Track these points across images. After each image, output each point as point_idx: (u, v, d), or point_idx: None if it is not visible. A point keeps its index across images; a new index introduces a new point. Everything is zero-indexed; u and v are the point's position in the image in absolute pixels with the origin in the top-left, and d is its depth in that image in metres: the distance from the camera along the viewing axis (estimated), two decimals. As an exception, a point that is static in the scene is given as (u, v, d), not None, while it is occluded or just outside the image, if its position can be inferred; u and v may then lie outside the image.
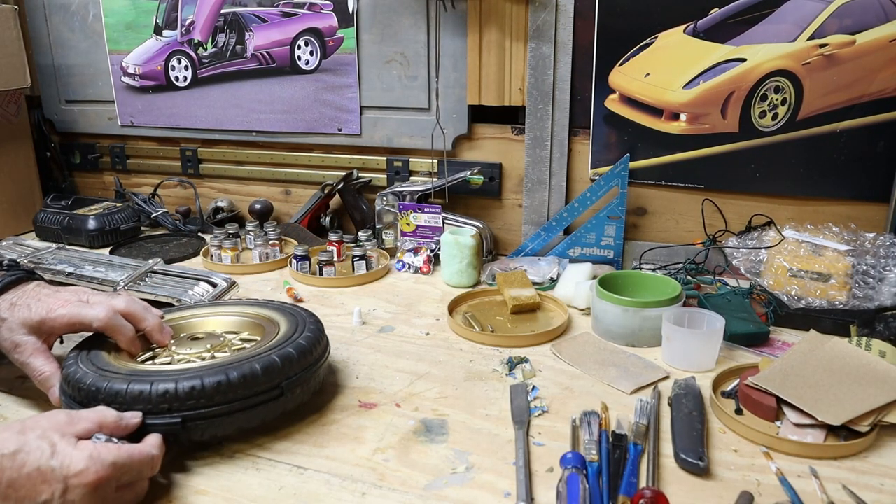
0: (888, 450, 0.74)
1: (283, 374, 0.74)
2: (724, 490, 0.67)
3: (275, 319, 0.86)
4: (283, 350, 0.76)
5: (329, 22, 1.42)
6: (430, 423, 0.79)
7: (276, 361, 0.74)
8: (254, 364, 0.72)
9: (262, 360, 0.73)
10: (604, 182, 1.27)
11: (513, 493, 0.67)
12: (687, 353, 0.92)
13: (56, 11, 1.65)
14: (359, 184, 1.46)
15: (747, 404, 0.80)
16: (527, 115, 1.32)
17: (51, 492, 0.55)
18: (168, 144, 1.67)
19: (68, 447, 0.57)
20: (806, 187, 1.20)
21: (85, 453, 0.57)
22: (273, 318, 0.87)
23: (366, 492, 0.67)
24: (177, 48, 1.56)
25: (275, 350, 0.75)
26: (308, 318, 0.86)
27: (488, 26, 1.30)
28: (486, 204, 1.43)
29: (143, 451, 0.62)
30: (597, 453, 0.71)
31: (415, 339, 1.02)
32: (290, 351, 0.76)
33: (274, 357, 0.74)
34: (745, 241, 1.17)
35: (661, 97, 1.23)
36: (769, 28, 1.14)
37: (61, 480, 0.55)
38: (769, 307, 1.05)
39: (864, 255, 1.06)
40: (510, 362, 0.93)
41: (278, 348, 0.76)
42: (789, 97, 1.17)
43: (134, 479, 0.62)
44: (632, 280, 1.09)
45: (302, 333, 0.80)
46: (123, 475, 0.60)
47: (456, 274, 1.22)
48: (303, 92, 1.48)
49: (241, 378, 0.70)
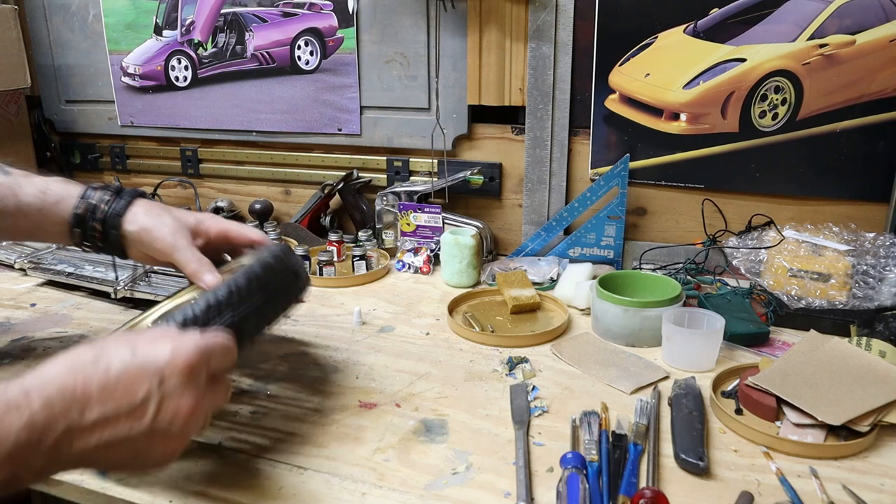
0: (888, 450, 0.74)
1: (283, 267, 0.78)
2: (724, 490, 0.67)
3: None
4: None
5: (329, 22, 1.42)
6: (430, 423, 0.79)
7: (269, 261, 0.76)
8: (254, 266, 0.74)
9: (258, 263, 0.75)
10: (604, 182, 1.27)
11: (513, 493, 0.67)
12: (687, 353, 0.92)
13: (56, 11, 1.65)
14: (359, 184, 1.46)
15: (747, 404, 0.80)
16: (527, 115, 1.32)
17: (147, 387, 0.53)
18: (168, 144, 1.67)
19: (148, 344, 0.55)
20: (806, 187, 1.20)
21: (167, 345, 0.55)
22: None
23: (366, 492, 0.67)
24: (177, 48, 1.56)
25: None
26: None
27: (488, 26, 1.30)
28: (486, 204, 1.43)
29: (218, 337, 0.59)
30: (597, 453, 0.71)
31: (415, 339, 1.02)
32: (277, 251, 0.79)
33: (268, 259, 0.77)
34: (745, 241, 1.17)
35: (661, 97, 1.23)
36: (769, 28, 1.14)
37: (154, 374, 0.53)
38: (769, 307, 1.05)
39: (864, 255, 1.06)
40: (510, 362, 0.93)
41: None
42: (789, 97, 1.17)
43: (219, 368, 0.59)
44: (632, 280, 1.09)
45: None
46: (210, 360, 0.57)
47: (456, 274, 1.22)
48: (303, 92, 1.48)
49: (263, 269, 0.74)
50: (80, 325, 1.07)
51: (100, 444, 0.51)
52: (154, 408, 0.53)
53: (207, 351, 0.57)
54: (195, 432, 0.58)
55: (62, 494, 0.70)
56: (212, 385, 0.58)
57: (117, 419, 0.51)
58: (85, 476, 0.69)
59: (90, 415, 0.50)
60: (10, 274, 1.30)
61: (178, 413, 0.54)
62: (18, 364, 0.94)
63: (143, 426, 0.53)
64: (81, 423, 0.50)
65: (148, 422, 0.53)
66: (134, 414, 0.52)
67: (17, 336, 1.02)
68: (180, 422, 0.54)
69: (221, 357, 0.59)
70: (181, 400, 0.54)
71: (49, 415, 0.49)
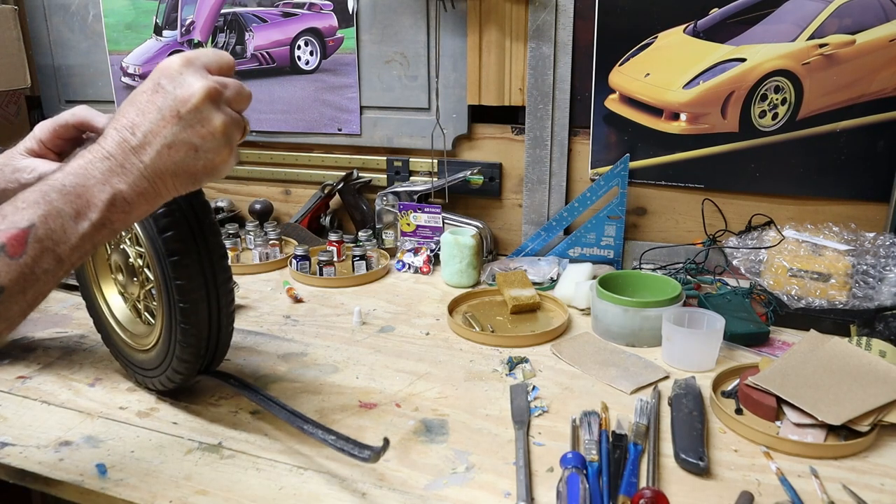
0: (888, 449, 0.74)
1: None
2: (725, 490, 0.67)
3: None
4: None
5: (329, 22, 1.42)
6: (430, 423, 0.79)
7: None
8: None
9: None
10: (604, 182, 1.27)
11: (513, 493, 0.67)
12: (687, 353, 0.92)
13: (56, 12, 1.65)
14: (359, 184, 1.46)
15: (747, 404, 0.80)
16: (527, 115, 1.32)
17: (161, 93, 0.61)
18: (168, 144, 1.67)
19: (156, 69, 0.63)
20: (806, 187, 1.20)
21: (164, 62, 0.63)
22: None
23: (366, 492, 0.67)
24: (177, 48, 1.55)
25: None
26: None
27: (488, 26, 1.30)
28: (486, 204, 1.43)
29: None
30: (597, 453, 0.71)
31: (415, 339, 1.02)
32: None
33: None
34: (745, 241, 1.17)
35: (661, 97, 1.23)
36: (769, 28, 1.14)
37: (158, 78, 0.62)
38: (769, 307, 1.05)
39: (864, 254, 1.06)
40: (510, 362, 0.93)
41: None
42: (789, 97, 1.17)
43: (213, 62, 0.64)
44: (632, 280, 1.09)
45: None
46: (201, 56, 0.64)
47: (456, 274, 1.22)
48: (303, 92, 1.48)
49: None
50: (79, 325, 1.07)
51: (160, 151, 0.61)
52: (173, 102, 0.61)
53: (195, 52, 0.64)
54: (234, 120, 0.64)
55: (62, 494, 0.70)
56: (217, 77, 0.64)
57: (158, 128, 0.60)
58: (85, 476, 0.70)
59: (139, 133, 0.60)
60: (10, 274, 1.30)
61: (192, 94, 0.61)
62: (18, 364, 0.94)
63: (179, 121, 0.61)
64: (138, 142, 0.60)
65: (178, 117, 0.61)
66: (165, 118, 0.61)
67: (17, 336, 1.02)
68: (200, 100, 0.61)
69: (212, 55, 0.65)
70: (188, 85, 0.61)
71: (114, 145, 0.60)
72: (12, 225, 0.55)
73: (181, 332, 0.76)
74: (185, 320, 0.75)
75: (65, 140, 0.81)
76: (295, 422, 0.73)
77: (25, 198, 0.57)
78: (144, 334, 0.86)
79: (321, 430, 0.71)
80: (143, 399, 0.85)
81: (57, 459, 0.72)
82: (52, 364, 0.94)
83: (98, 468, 0.71)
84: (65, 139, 0.81)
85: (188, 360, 0.78)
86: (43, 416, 0.81)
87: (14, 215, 0.56)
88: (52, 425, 0.79)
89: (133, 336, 0.87)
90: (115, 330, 0.89)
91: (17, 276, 0.55)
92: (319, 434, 0.71)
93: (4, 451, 0.74)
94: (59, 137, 0.80)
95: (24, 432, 0.77)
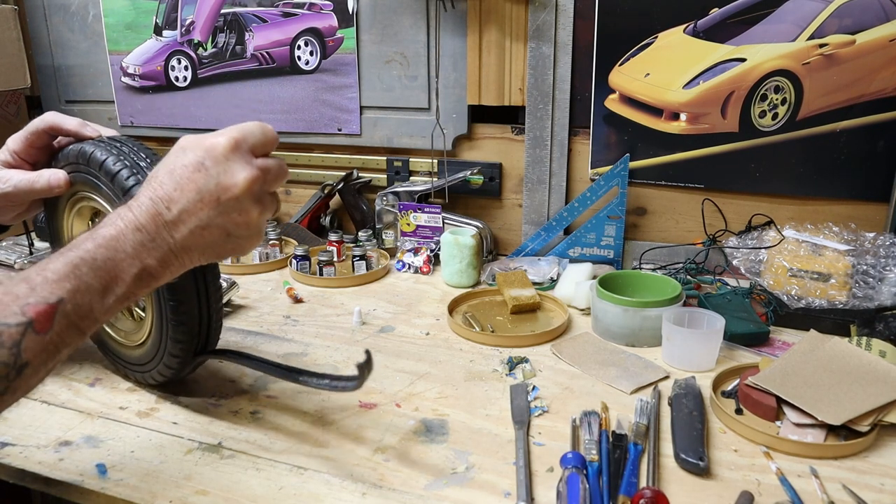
0: (888, 449, 0.74)
1: None
2: (725, 490, 0.67)
3: None
4: None
5: (329, 22, 1.42)
6: (430, 423, 0.79)
7: None
8: None
9: None
10: (604, 182, 1.27)
11: (513, 493, 0.67)
12: (687, 353, 0.92)
13: (56, 12, 1.65)
14: (359, 184, 1.46)
15: (747, 404, 0.80)
16: (527, 115, 1.32)
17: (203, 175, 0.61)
18: (168, 144, 1.65)
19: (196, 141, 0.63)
20: (806, 187, 1.20)
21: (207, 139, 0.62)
22: None
23: (366, 492, 0.67)
24: (177, 48, 1.55)
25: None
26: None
27: (488, 26, 1.30)
28: (486, 204, 1.43)
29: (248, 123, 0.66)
30: (597, 453, 0.71)
31: (415, 339, 1.02)
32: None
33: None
34: (745, 240, 1.17)
35: (661, 97, 1.23)
36: (769, 28, 1.14)
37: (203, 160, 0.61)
38: (769, 307, 1.05)
39: (864, 254, 1.06)
40: (510, 362, 0.93)
41: None
42: (789, 97, 1.17)
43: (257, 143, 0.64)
44: (632, 280, 1.09)
45: None
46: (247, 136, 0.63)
47: (456, 274, 1.22)
48: (303, 92, 1.48)
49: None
50: (80, 325, 1.07)
51: (193, 230, 0.61)
52: (215, 188, 0.61)
53: (242, 130, 0.63)
54: (268, 206, 0.65)
55: (62, 494, 0.70)
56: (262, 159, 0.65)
57: (195, 209, 0.61)
58: (85, 476, 0.70)
59: (174, 209, 0.60)
60: (10, 274, 1.30)
61: (235, 183, 0.61)
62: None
63: (217, 207, 0.61)
64: (172, 218, 0.60)
65: (218, 202, 0.61)
66: (203, 200, 0.61)
67: None
68: (242, 193, 0.62)
69: (259, 134, 0.65)
70: (233, 174, 0.61)
71: (148, 217, 0.60)
72: (42, 300, 0.54)
73: (171, 311, 0.77)
74: (174, 297, 0.76)
75: (38, 149, 0.82)
76: (291, 376, 0.76)
77: (56, 268, 0.56)
78: (135, 329, 0.87)
79: (315, 377, 0.74)
80: (143, 399, 0.85)
81: (57, 459, 0.72)
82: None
83: (98, 468, 0.71)
84: (38, 147, 0.82)
85: (182, 339, 0.78)
86: (43, 416, 0.81)
87: (43, 288, 0.55)
88: (52, 425, 0.79)
89: (126, 334, 0.88)
90: (107, 332, 0.90)
91: (41, 351, 0.55)
92: (314, 381, 0.74)
93: (4, 451, 0.74)
94: (31, 146, 0.82)
95: (24, 432, 0.77)
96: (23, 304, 0.54)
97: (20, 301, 0.54)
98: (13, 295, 0.54)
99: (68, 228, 0.89)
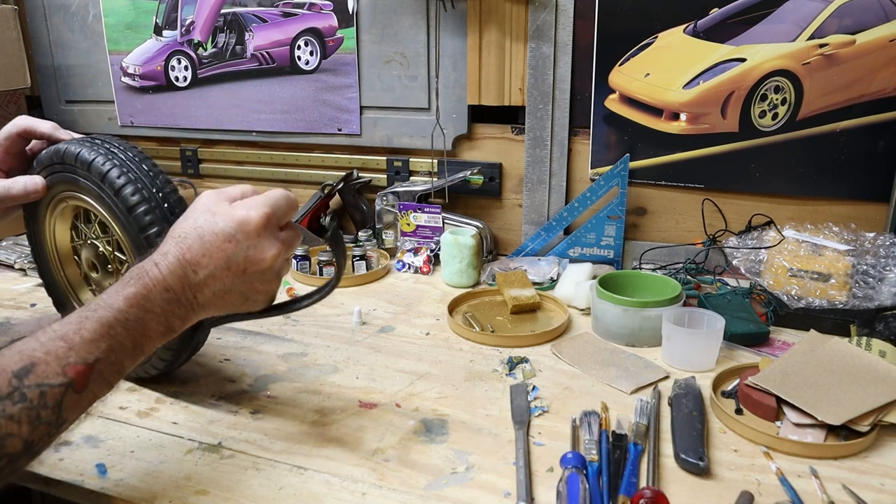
0: (888, 449, 0.74)
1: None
2: (725, 490, 0.67)
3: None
4: None
5: (329, 22, 1.42)
6: (430, 423, 0.79)
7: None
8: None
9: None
10: (604, 182, 1.27)
11: (513, 493, 0.67)
12: (687, 353, 0.92)
13: (56, 12, 1.65)
14: (359, 184, 1.46)
15: (747, 404, 0.80)
16: (527, 115, 1.32)
17: (233, 246, 0.64)
18: (168, 144, 1.67)
19: (226, 208, 0.66)
20: (806, 187, 1.20)
21: (241, 210, 0.65)
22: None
23: (366, 492, 0.67)
24: (177, 48, 1.55)
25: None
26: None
27: (488, 26, 1.30)
28: (486, 204, 1.43)
29: (278, 191, 0.69)
30: (597, 453, 0.71)
31: (415, 339, 1.02)
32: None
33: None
34: (745, 241, 1.17)
35: (661, 97, 1.23)
36: (769, 28, 1.14)
37: (235, 235, 0.64)
38: (769, 307, 1.05)
39: (864, 254, 1.06)
40: (510, 362, 0.93)
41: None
42: (789, 97, 1.17)
43: (285, 216, 0.69)
44: (632, 280, 1.09)
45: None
46: (276, 213, 0.67)
47: (456, 274, 1.22)
48: (303, 92, 1.48)
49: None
50: (80, 325, 1.07)
51: (216, 293, 0.65)
52: (243, 261, 0.65)
53: (275, 203, 0.67)
54: (285, 272, 0.71)
55: (62, 494, 0.70)
56: (284, 231, 0.69)
57: (221, 275, 0.65)
58: (85, 476, 0.70)
59: (201, 273, 0.64)
60: (9, 274, 1.30)
61: (263, 258, 0.66)
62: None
63: (242, 276, 0.66)
64: (197, 281, 0.64)
65: (243, 273, 0.66)
66: (230, 269, 0.65)
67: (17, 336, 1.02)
68: (268, 265, 0.67)
69: (286, 207, 0.69)
70: (263, 250, 0.66)
71: (175, 279, 0.63)
72: (80, 360, 0.57)
73: None
74: None
75: (12, 155, 0.85)
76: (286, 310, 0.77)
77: (92, 328, 0.58)
78: None
79: (305, 299, 0.76)
80: (143, 399, 0.85)
81: (57, 459, 0.72)
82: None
83: (98, 468, 0.71)
84: (13, 154, 0.85)
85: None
86: (43, 416, 0.81)
87: (81, 348, 0.57)
88: (52, 425, 0.79)
89: None
90: None
91: (77, 408, 0.58)
92: (306, 303, 0.76)
93: (4, 451, 0.74)
94: (6, 153, 0.84)
95: (24, 432, 0.77)
96: (63, 364, 0.56)
97: (61, 361, 0.56)
98: (54, 355, 0.56)
99: (50, 230, 0.90)
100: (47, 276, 0.95)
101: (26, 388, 0.54)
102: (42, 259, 0.94)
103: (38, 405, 0.55)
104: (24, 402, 0.54)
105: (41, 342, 0.57)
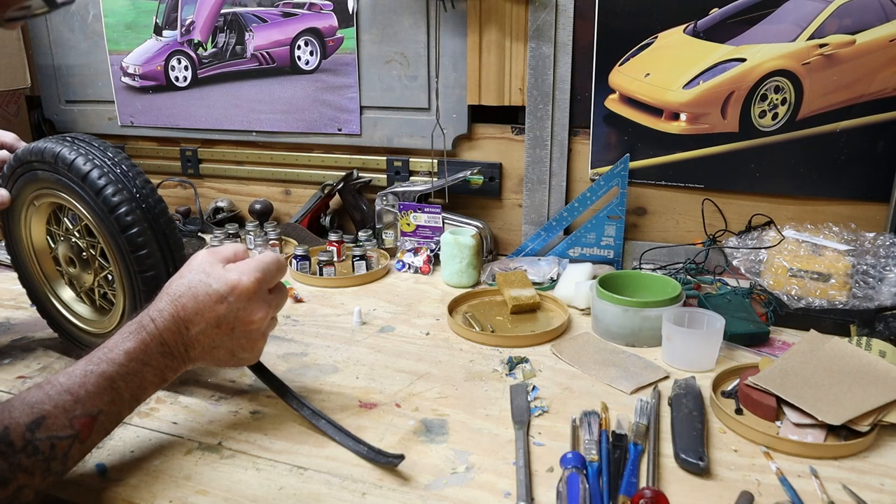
0: (888, 450, 0.74)
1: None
2: (725, 490, 0.67)
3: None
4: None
5: (329, 22, 1.42)
6: (430, 423, 0.79)
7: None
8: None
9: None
10: (604, 182, 1.27)
11: (513, 493, 0.67)
12: (687, 353, 0.92)
13: (56, 12, 1.65)
14: (359, 184, 1.46)
15: (747, 404, 0.80)
16: (527, 115, 1.32)
17: (224, 307, 0.69)
18: (168, 144, 1.67)
19: (219, 270, 0.70)
20: (806, 187, 1.20)
21: (234, 274, 0.70)
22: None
23: (366, 492, 0.67)
24: (177, 48, 1.56)
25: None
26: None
27: (488, 26, 1.30)
28: (486, 204, 1.43)
29: (269, 255, 0.74)
30: (597, 453, 0.71)
31: (415, 339, 1.02)
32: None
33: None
34: (745, 241, 1.17)
35: (661, 97, 1.23)
36: (769, 28, 1.14)
37: (227, 297, 0.69)
38: (769, 307, 1.05)
39: (864, 254, 1.06)
40: (510, 362, 0.93)
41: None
42: (789, 97, 1.17)
43: (276, 279, 0.73)
44: (632, 280, 1.09)
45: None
46: (266, 277, 0.72)
47: (456, 274, 1.22)
48: (303, 92, 1.48)
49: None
50: (80, 325, 1.07)
51: (206, 348, 0.70)
52: (233, 321, 0.70)
53: (266, 269, 0.72)
54: (270, 331, 0.76)
55: (62, 494, 0.70)
56: (273, 293, 0.74)
57: (211, 332, 0.70)
58: (85, 476, 0.70)
59: (193, 330, 0.69)
60: (10, 274, 1.30)
61: (252, 321, 0.71)
62: (18, 364, 0.94)
63: (231, 335, 0.71)
64: (190, 337, 0.69)
65: (232, 331, 0.70)
66: (220, 327, 0.70)
67: (17, 336, 1.03)
68: (256, 326, 0.71)
69: (276, 271, 0.73)
70: (252, 312, 0.70)
71: (170, 334, 0.68)
72: (85, 413, 0.62)
73: (142, 282, 0.80)
74: (146, 284, 0.79)
75: None
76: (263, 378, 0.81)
77: (96, 382, 0.63)
78: (100, 319, 0.91)
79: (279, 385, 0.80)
80: (143, 399, 0.85)
81: (57, 459, 0.72)
82: (52, 364, 0.94)
83: (98, 468, 0.71)
84: None
85: None
86: (43, 416, 0.81)
87: (87, 402, 0.62)
88: (52, 425, 0.79)
89: (93, 323, 0.92)
90: (75, 325, 0.93)
91: (79, 456, 0.63)
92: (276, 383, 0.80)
93: (4, 451, 0.74)
94: None
95: (24, 432, 0.77)
96: (70, 416, 0.61)
97: (69, 414, 0.61)
98: (62, 408, 0.60)
99: (26, 227, 0.92)
100: (23, 269, 0.96)
101: (38, 441, 0.58)
102: (18, 254, 0.96)
103: (49, 457, 0.59)
104: (37, 454, 0.58)
105: (49, 395, 0.61)
